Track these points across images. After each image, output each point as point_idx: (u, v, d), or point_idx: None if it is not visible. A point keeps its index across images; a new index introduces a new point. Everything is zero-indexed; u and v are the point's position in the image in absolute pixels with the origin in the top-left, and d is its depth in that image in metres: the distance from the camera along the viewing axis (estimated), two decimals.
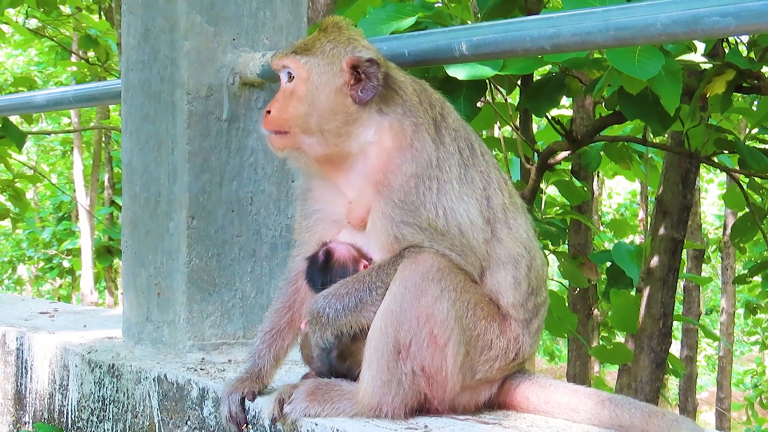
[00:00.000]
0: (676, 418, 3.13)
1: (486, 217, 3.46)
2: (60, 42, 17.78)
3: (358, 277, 3.38)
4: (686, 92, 5.78)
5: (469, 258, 3.40)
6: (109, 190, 21.80)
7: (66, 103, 6.77)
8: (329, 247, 3.55)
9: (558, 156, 7.12)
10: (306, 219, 3.70)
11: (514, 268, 3.48)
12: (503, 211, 3.52)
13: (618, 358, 8.52)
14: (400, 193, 3.37)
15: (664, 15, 3.28)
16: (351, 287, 3.36)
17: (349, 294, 3.35)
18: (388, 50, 4.00)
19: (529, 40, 3.70)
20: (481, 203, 3.46)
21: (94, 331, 5.41)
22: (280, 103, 3.49)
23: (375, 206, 3.41)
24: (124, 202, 4.93)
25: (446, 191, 3.40)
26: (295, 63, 3.50)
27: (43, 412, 5.14)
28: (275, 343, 3.71)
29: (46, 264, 27.91)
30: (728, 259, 20.91)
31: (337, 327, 3.34)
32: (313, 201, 3.67)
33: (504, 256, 3.48)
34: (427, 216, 3.36)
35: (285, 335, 3.72)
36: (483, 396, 3.49)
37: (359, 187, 3.47)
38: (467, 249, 3.39)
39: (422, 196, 3.37)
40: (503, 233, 3.50)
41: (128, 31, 4.85)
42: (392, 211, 3.37)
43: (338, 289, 3.37)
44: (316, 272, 3.55)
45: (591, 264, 8.87)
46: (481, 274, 3.45)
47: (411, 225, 3.35)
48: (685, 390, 16.97)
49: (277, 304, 3.77)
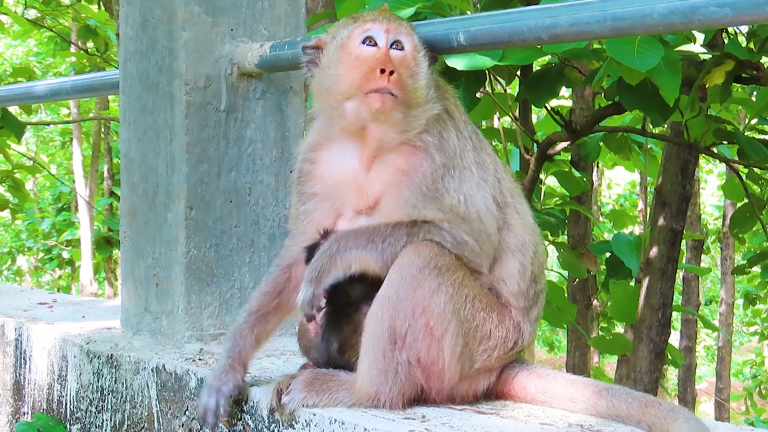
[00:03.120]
0: (673, 407, 3.14)
1: (499, 202, 3.50)
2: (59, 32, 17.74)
3: (371, 225, 3.39)
4: (685, 83, 5.78)
5: (485, 245, 3.42)
6: (108, 181, 21.81)
7: (64, 93, 6.75)
8: (330, 236, 3.53)
9: (557, 146, 7.12)
10: (303, 203, 3.67)
11: (522, 256, 3.52)
12: (511, 196, 3.57)
13: (617, 348, 8.52)
14: (428, 181, 3.38)
15: (662, 5, 3.28)
16: (364, 229, 3.38)
17: (360, 234, 3.36)
18: None
19: (527, 30, 3.69)
20: (494, 187, 3.50)
21: (93, 322, 5.41)
22: (396, 67, 3.38)
23: (395, 190, 3.41)
24: (122, 193, 4.93)
25: (466, 178, 3.42)
26: (408, 32, 3.50)
27: (41, 402, 5.15)
28: (259, 325, 3.68)
29: (46, 255, 27.92)
30: (727, 250, 20.92)
31: (346, 262, 3.33)
32: (314, 181, 3.64)
33: (513, 244, 3.51)
34: (450, 203, 3.38)
35: (270, 318, 3.71)
36: (481, 385, 3.49)
37: (384, 166, 3.45)
38: (484, 235, 3.41)
39: (446, 184, 3.39)
40: (513, 219, 3.54)
41: (126, 22, 4.85)
42: (415, 198, 3.37)
43: (348, 232, 3.40)
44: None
45: (590, 255, 8.87)
46: (493, 262, 3.47)
47: (433, 210, 3.37)
48: (684, 380, 16.99)
49: (266, 288, 3.75)
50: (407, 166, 3.40)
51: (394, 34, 3.44)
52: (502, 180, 3.57)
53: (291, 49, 4.41)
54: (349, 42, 3.45)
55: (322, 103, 3.59)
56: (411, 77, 3.43)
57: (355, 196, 3.51)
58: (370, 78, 3.35)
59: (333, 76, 3.46)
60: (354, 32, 3.45)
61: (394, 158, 3.43)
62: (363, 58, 3.40)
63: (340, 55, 3.45)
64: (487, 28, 3.80)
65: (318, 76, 3.56)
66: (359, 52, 3.41)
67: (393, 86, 3.34)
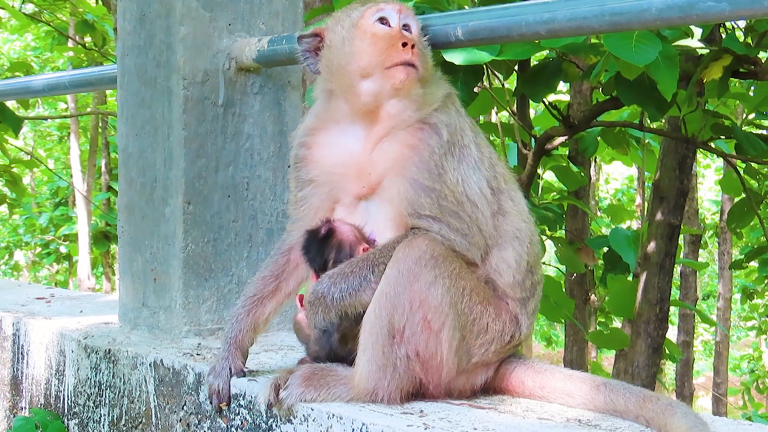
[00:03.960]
0: (671, 402, 3.14)
1: (493, 187, 3.52)
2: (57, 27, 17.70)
3: (362, 257, 3.38)
4: (683, 77, 5.77)
5: (474, 238, 3.41)
6: (106, 176, 21.76)
7: (62, 88, 6.75)
8: (333, 225, 3.53)
9: (555, 141, 7.12)
10: (300, 189, 3.70)
11: (519, 244, 3.53)
12: (505, 182, 3.60)
13: (615, 343, 8.52)
14: (436, 156, 3.41)
15: (660, 0, 3.28)
16: (355, 266, 3.36)
17: (353, 273, 3.34)
18: None
19: (525, 25, 3.70)
20: (489, 170, 3.52)
21: (91, 317, 5.41)
22: (415, 43, 3.49)
23: (400, 167, 3.42)
24: (120, 188, 4.93)
25: (465, 156, 3.47)
26: (416, 22, 3.59)
27: (39, 397, 5.15)
28: (256, 309, 3.73)
29: (43, 249, 27.88)
30: (725, 245, 20.91)
31: (342, 307, 3.34)
32: (311, 166, 3.65)
33: (510, 231, 3.52)
34: (450, 180, 3.40)
35: (267, 303, 3.75)
36: (479, 380, 3.49)
37: (389, 143, 3.48)
38: (474, 226, 3.41)
39: (448, 162, 3.41)
40: (508, 205, 3.56)
41: (124, 16, 4.84)
42: (421, 175, 3.38)
43: (342, 269, 3.37)
44: (314, 245, 3.54)
45: (588, 249, 8.88)
46: (485, 253, 3.47)
47: (433, 192, 3.38)
48: (681, 375, 16.99)
49: (265, 272, 3.79)
50: (416, 141, 3.44)
51: (405, 16, 3.53)
52: (497, 165, 3.60)
53: (289, 43, 4.42)
54: (363, 21, 3.51)
55: (333, 83, 3.60)
56: (424, 56, 3.53)
57: (354, 179, 3.52)
58: (392, 52, 3.43)
59: (348, 54, 3.49)
60: (367, 12, 3.52)
61: (403, 135, 3.46)
62: (380, 35, 3.46)
63: (354, 33, 3.50)
64: (485, 23, 3.82)
65: (327, 57, 3.59)
66: (375, 30, 3.48)
67: (416, 58, 3.44)
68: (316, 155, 3.64)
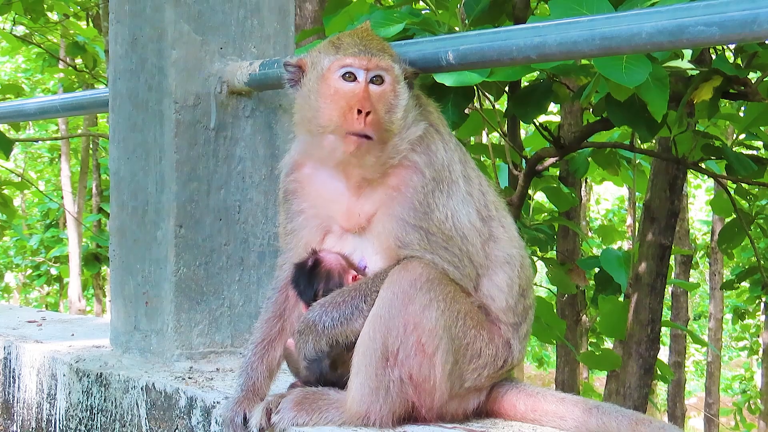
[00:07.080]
0: (663, 425, 3.15)
1: (483, 216, 3.50)
2: (47, 49, 17.74)
3: (354, 286, 3.37)
4: (673, 98, 5.81)
5: (466, 269, 3.41)
6: (96, 198, 21.75)
7: (53, 111, 6.76)
8: (318, 255, 3.53)
9: (546, 162, 7.14)
10: (290, 221, 3.66)
11: (510, 269, 3.52)
12: (496, 209, 3.58)
13: (606, 364, 8.53)
14: (420, 195, 3.37)
15: (650, 24, 3.29)
16: (347, 296, 3.34)
17: (345, 302, 3.33)
18: None
19: (516, 49, 3.70)
20: (479, 201, 3.51)
21: (82, 340, 5.40)
22: (373, 106, 3.35)
23: (386, 208, 3.40)
24: (111, 211, 4.93)
25: (454, 192, 3.43)
26: (388, 66, 3.45)
27: (31, 421, 5.13)
28: (267, 354, 3.67)
29: (34, 271, 27.84)
30: (716, 265, 20.95)
31: (333, 336, 3.32)
32: (301, 199, 3.62)
33: (501, 257, 3.51)
34: (437, 218, 3.37)
35: (276, 345, 3.69)
36: (471, 404, 3.49)
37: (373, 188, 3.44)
38: (465, 258, 3.40)
39: (436, 199, 3.39)
40: (499, 231, 3.55)
41: (116, 40, 4.85)
42: (407, 214, 3.36)
43: (334, 297, 3.36)
44: (302, 277, 3.54)
45: (579, 270, 8.90)
46: (476, 280, 3.46)
47: (420, 229, 3.35)
48: (673, 396, 17.00)
49: (267, 314, 3.74)
50: (398, 181, 3.40)
51: (374, 70, 3.41)
52: (487, 194, 3.58)
53: (280, 67, 4.41)
54: (329, 74, 3.42)
55: (302, 129, 3.56)
56: (389, 112, 3.40)
57: (344, 217, 3.50)
58: (348, 118, 3.32)
59: (313, 108, 3.43)
60: (334, 65, 3.42)
61: (384, 179, 3.42)
62: (342, 93, 3.37)
63: (320, 87, 3.43)
64: (476, 47, 3.81)
65: (299, 103, 3.54)
66: (338, 86, 3.39)
67: (369, 128, 3.31)
68: (305, 189, 3.62)
